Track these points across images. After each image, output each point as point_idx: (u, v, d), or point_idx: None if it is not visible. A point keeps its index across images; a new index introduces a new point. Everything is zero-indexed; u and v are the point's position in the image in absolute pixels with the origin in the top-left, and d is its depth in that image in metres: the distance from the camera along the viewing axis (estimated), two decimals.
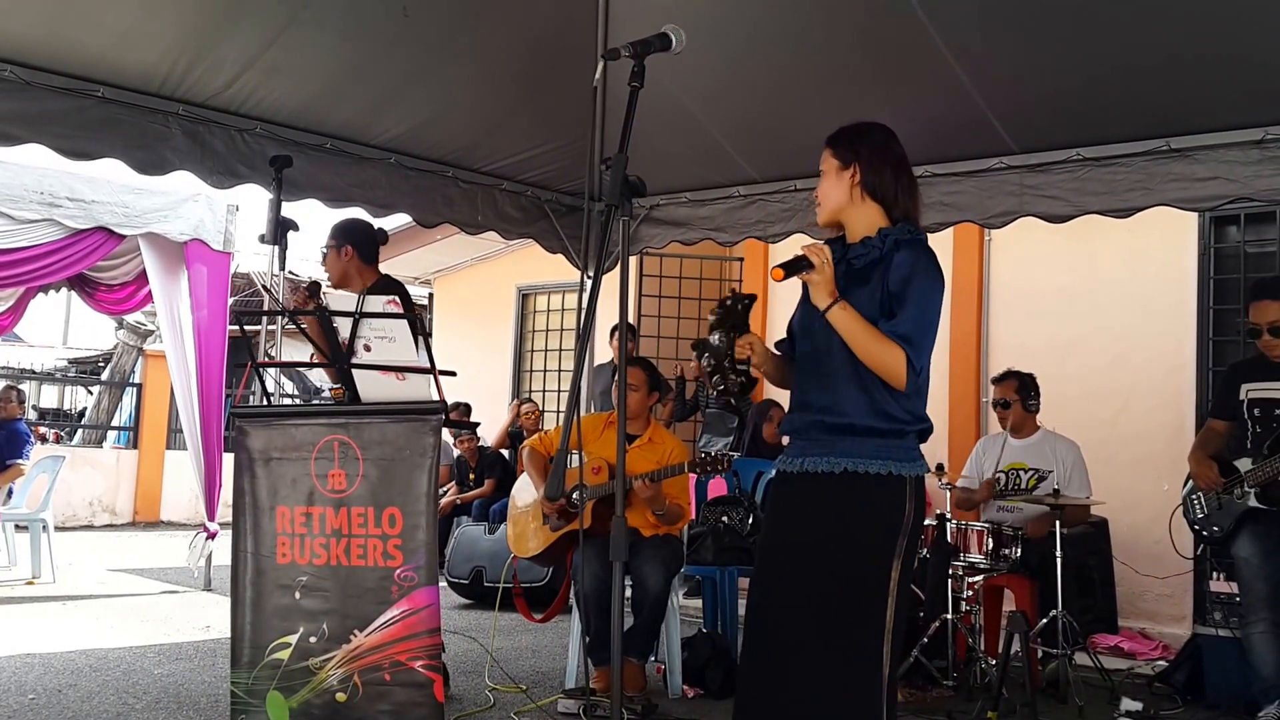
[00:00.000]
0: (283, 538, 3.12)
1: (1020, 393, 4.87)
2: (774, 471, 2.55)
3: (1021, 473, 4.86)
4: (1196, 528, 4.28)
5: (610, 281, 2.42)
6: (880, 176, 2.45)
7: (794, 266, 2.35)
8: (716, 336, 2.43)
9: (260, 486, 3.19)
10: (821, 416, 2.39)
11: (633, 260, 7.05)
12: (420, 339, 3.87)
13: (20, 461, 7.24)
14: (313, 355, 3.67)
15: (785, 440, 2.62)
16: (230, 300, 7.56)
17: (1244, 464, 4.05)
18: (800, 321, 2.50)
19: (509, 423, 8.68)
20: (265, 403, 3.75)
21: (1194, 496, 4.25)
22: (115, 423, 13.07)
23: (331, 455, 3.09)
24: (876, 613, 2.31)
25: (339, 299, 3.29)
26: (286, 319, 4.42)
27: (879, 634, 2.30)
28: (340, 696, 2.97)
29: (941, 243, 5.98)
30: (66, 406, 18.22)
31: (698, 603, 5.73)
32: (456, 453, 8.66)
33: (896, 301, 2.34)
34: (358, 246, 4.16)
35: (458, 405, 7.75)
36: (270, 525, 3.14)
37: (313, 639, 3.04)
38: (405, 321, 3.10)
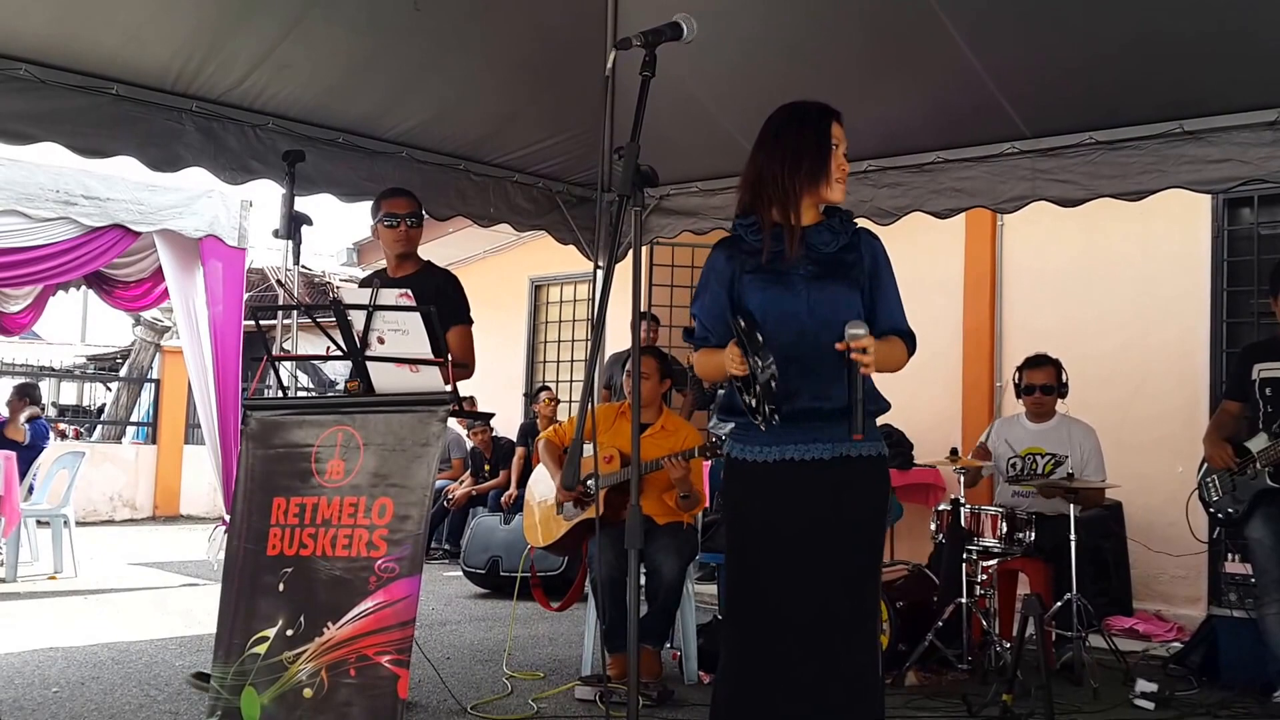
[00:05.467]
0: (275, 529, 3.06)
1: (1057, 378, 4.88)
2: (731, 460, 2.48)
3: (1038, 457, 4.85)
4: (1212, 510, 4.28)
5: (622, 272, 2.43)
6: None
7: (856, 395, 2.28)
8: (762, 360, 2.25)
9: (260, 477, 3.17)
10: (814, 403, 2.38)
11: (644, 250, 7.06)
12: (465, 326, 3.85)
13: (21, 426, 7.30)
14: (328, 348, 3.70)
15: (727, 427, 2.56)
16: (245, 295, 7.61)
17: (1256, 443, 4.04)
18: (777, 308, 2.40)
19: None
20: (282, 395, 3.78)
21: (1209, 479, 4.25)
22: (134, 418, 13.17)
23: (334, 446, 3.06)
24: (871, 590, 2.38)
25: (353, 292, 3.31)
26: (301, 313, 4.45)
27: (874, 609, 2.39)
28: (307, 693, 2.86)
29: (953, 228, 6.02)
30: (85, 403, 18.34)
31: (712, 589, 5.76)
32: (471, 444, 8.71)
33: (878, 290, 2.44)
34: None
35: (466, 398, 7.79)
36: (264, 517, 3.10)
37: (290, 632, 2.95)
38: (419, 314, 3.10)
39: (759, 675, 2.40)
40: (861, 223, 2.60)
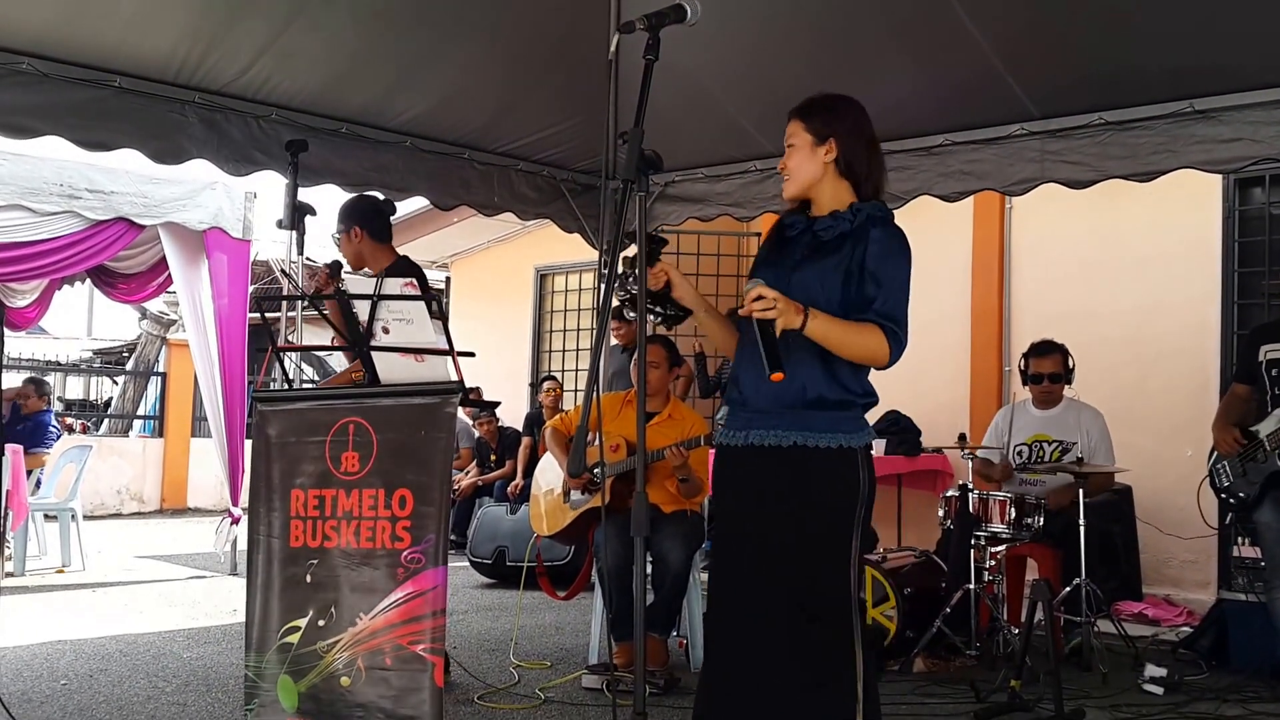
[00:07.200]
0: (295, 521, 3.09)
1: (1065, 365, 4.84)
2: (716, 445, 2.51)
3: (1045, 444, 4.83)
4: (1223, 495, 4.25)
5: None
6: (855, 154, 2.44)
7: (772, 346, 2.23)
8: (624, 271, 2.43)
9: (276, 470, 3.18)
10: (772, 387, 2.34)
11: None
12: (437, 322, 3.82)
13: (42, 451, 7.31)
14: (333, 339, 3.69)
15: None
16: (250, 287, 7.61)
17: (1266, 426, 4.02)
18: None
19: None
20: (287, 387, 3.77)
21: (1219, 464, 4.22)
22: (141, 412, 13.20)
23: (346, 437, 3.06)
24: (829, 584, 2.31)
25: (357, 281, 3.29)
26: (306, 304, 4.43)
27: (845, 607, 2.30)
28: (345, 681, 2.93)
29: (961, 212, 5.98)
30: (92, 397, 18.39)
31: None
32: (477, 434, 8.71)
33: (874, 280, 2.33)
34: (365, 226, 4.07)
35: (470, 389, 7.80)
36: (284, 508, 3.13)
37: (321, 622, 3.01)
38: (423, 303, 3.09)
39: (719, 661, 2.42)
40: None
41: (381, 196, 4.31)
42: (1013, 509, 4.46)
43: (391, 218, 4.18)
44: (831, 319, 2.28)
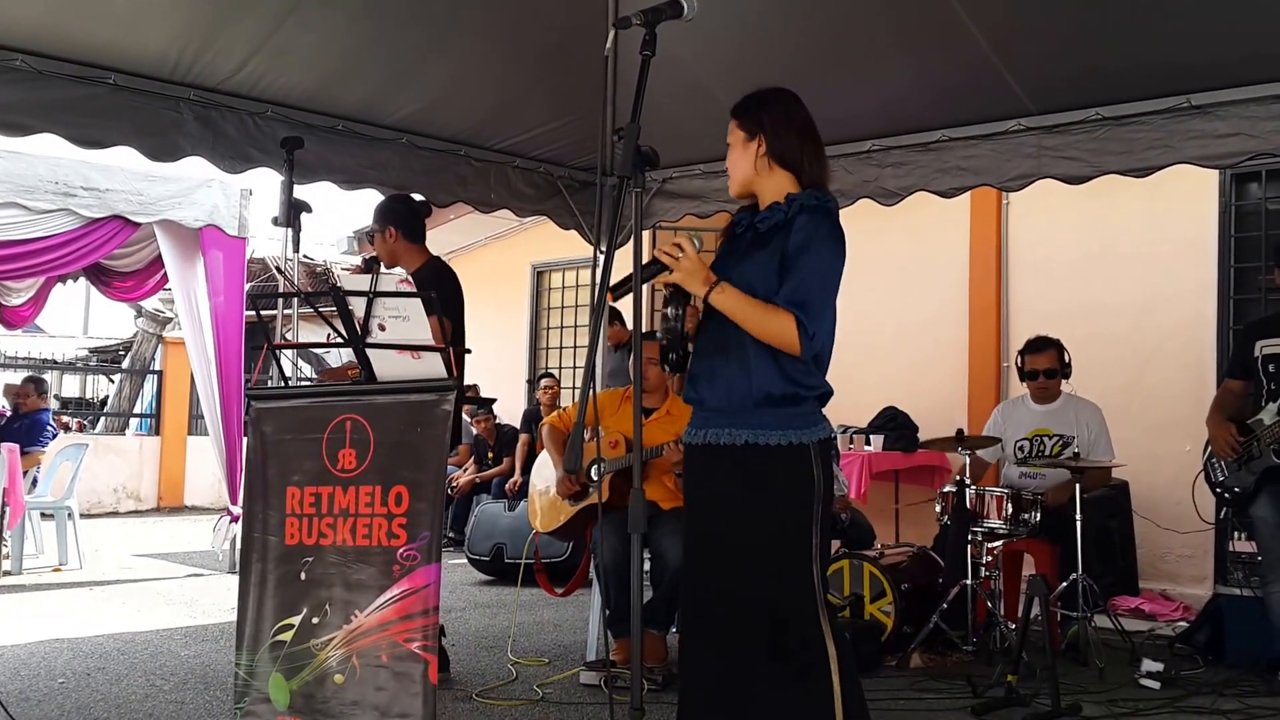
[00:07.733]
0: (291, 518, 3.08)
1: (1060, 360, 4.84)
2: (683, 443, 2.54)
3: (1045, 438, 4.83)
4: (1219, 490, 4.26)
5: (626, 256, 2.41)
6: (785, 144, 2.45)
7: (644, 275, 2.31)
8: (673, 310, 2.39)
9: (271, 467, 3.17)
10: (723, 385, 2.38)
11: (646, 235, 7.02)
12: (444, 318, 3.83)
13: (38, 449, 7.30)
14: (328, 336, 3.68)
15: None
16: (246, 285, 7.60)
17: (1266, 417, 4.02)
18: None
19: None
20: (284, 385, 3.76)
21: (1215, 460, 4.23)
22: (137, 410, 13.18)
23: (343, 434, 3.05)
24: (803, 583, 2.30)
25: (357, 280, 3.29)
26: (302, 301, 4.43)
27: (811, 604, 2.30)
28: (338, 678, 2.92)
29: (958, 208, 5.99)
30: (88, 395, 18.36)
31: None
32: (475, 431, 8.70)
33: (791, 266, 2.33)
34: (400, 226, 4.17)
35: (468, 386, 7.82)
36: (279, 506, 3.12)
37: (315, 620, 2.99)
38: (419, 300, 3.08)
39: (693, 662, 2.42)
40: (864, 203, 2.56)
41: (418, 197, 4.40)
42: (1009, 504, 4.47)
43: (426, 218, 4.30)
44: (741, 296, 2.32)
